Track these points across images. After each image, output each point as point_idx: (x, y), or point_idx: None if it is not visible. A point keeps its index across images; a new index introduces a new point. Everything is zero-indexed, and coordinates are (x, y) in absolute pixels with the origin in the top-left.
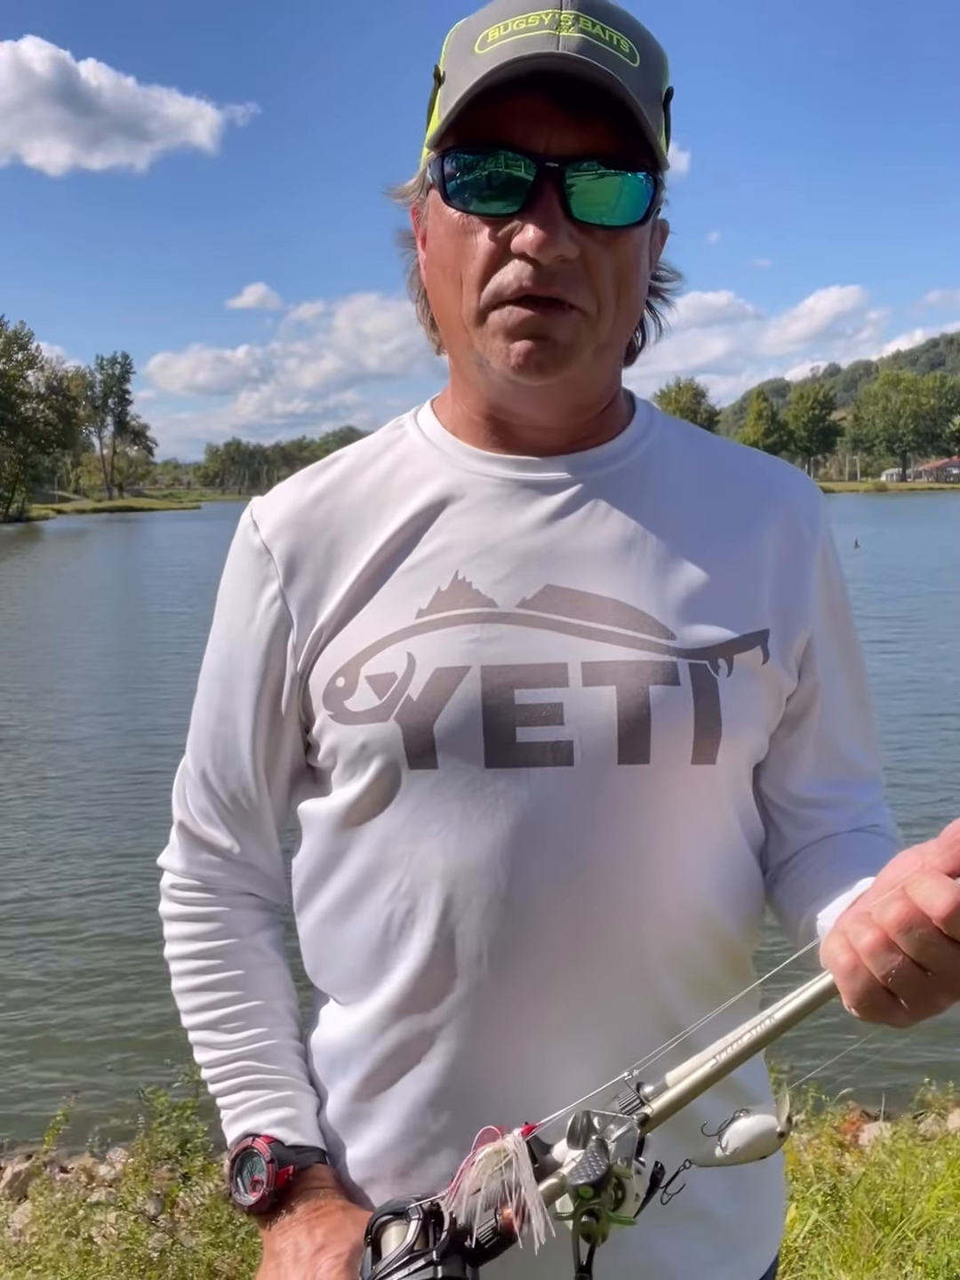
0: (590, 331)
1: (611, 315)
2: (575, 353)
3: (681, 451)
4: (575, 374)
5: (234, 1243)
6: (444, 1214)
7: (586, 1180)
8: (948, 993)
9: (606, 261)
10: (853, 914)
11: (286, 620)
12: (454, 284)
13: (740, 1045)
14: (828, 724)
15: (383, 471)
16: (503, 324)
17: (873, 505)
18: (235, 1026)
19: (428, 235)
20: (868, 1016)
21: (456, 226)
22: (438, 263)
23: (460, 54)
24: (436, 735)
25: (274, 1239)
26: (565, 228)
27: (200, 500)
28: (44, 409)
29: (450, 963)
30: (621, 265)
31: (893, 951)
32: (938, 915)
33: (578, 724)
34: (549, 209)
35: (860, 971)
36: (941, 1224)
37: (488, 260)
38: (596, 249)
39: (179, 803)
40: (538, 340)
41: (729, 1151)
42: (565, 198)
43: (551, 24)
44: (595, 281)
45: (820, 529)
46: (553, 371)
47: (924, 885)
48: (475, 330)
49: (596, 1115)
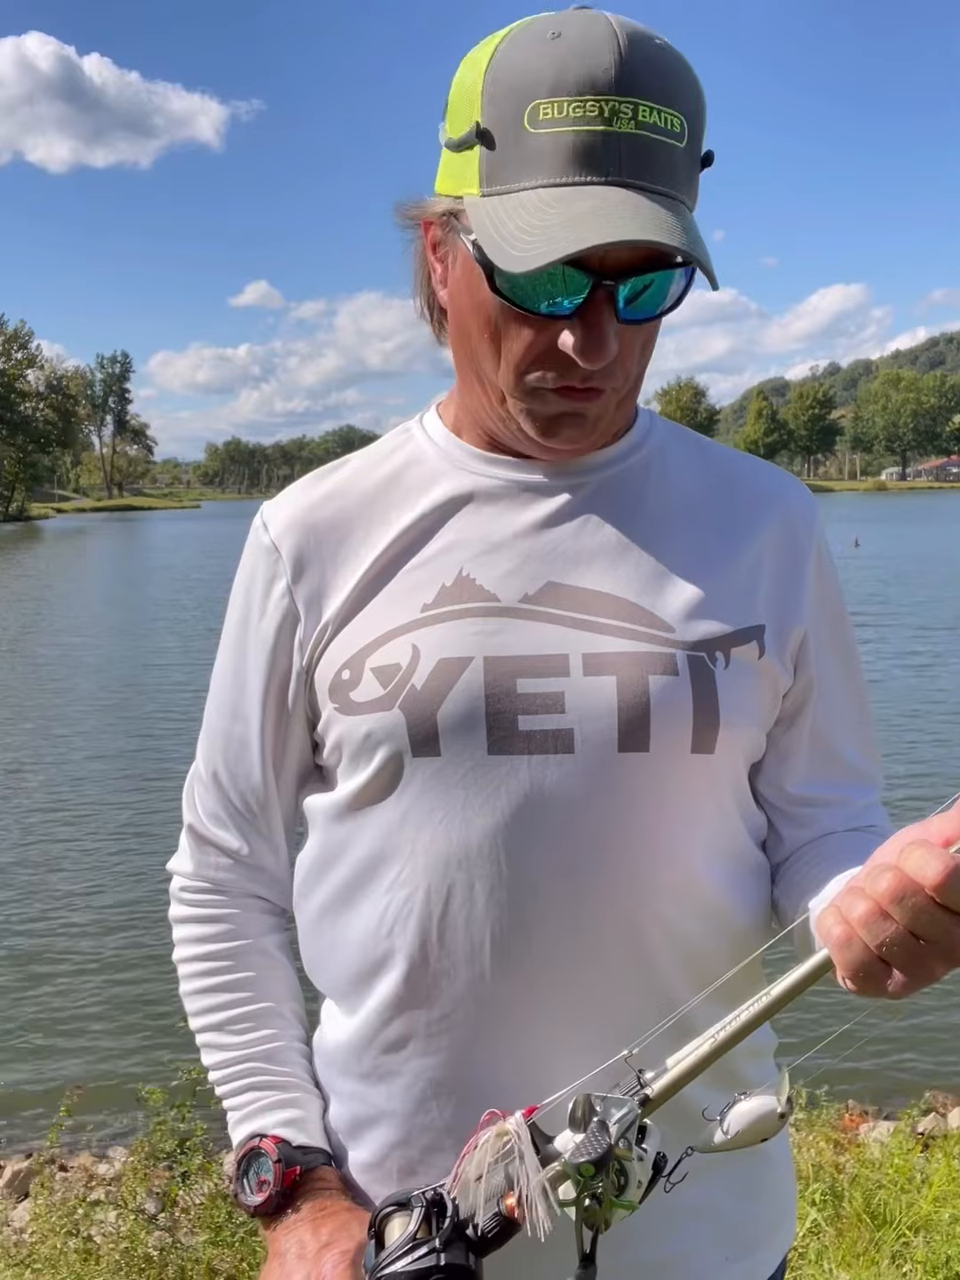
0: (618, 401)
1: (635, 377)
2: (603, 423)
3: (681, 456)
4: (599, 438)
5: (233, 1241)
6: (447, 1203)
7: (587, 1158)
8: (942, 961)
9: (638, 343)
10: (846, 888)
11: (294, 616)
12: (491, 350)
13: (738, 1022)
14: (823, 722)
15: (390, 473)
16: (542, 408)
17: (873, 505)
18: (243, 1028)
19: (457, 282)
20: (863, 988)
21: (501, 307)
22: (474, 320)
23: (508, 117)
24: (440, 723)
25: (279, 1238)
26: (612, 333)
27: (200, 499)
28: (44, 408)
29: (452, 951)
30: (649, 338)
31: (886, 921)
32: (930, 883)
33: (579, 713)
34: (599, 320)
35: (854, 942)
36: (939, 1222)
37: (531, 349)
38: (632, 336)
39: (189, 806)
40: (570, 417)
41: (730, 1135)
42: (616, 307)
43: (610, 116)
44: (627, 364)
45: (815, 532)
46: (581, 441)
47: (915, 854)
48: (510, 399)
49: (597, 1098)
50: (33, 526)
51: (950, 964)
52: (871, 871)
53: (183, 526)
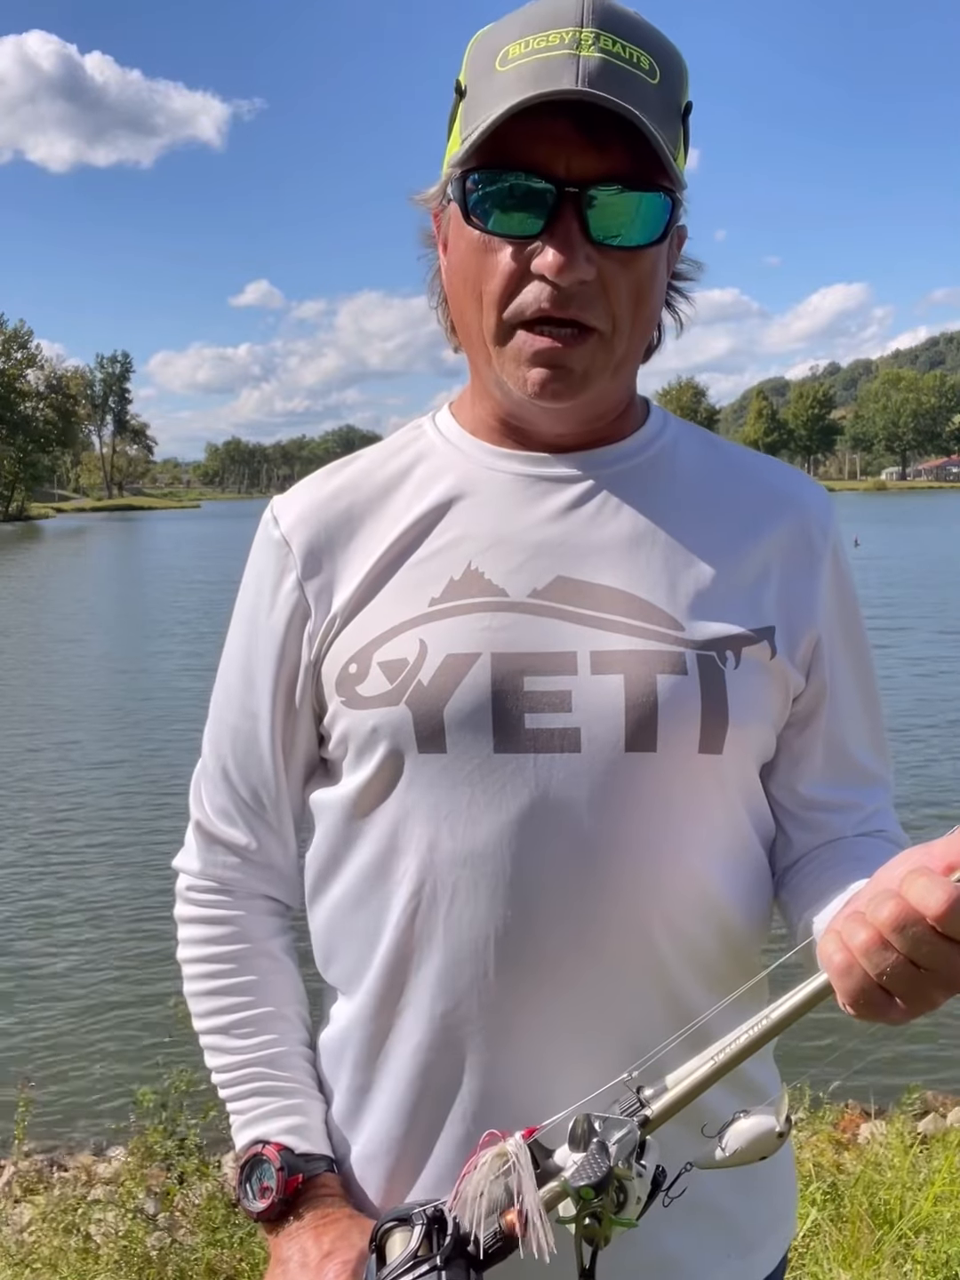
0: (606, 354)
1: (627, 332)
2: (592, 378)
3: (694, 453)
4: (592, 396)
5: (232, 1241)
6: (447, 1219)
7: (588, 1182)
8: (942, 989)
9: (623, 281)
10: (847, 913)
11: (304, 608)
12: (474, 299)
13: (737, 1045)
14: (836, 726)
15: (400, 468)
16: (519, 351)
17: (873, 505)
18: (247, 1032)
19: (450, 247)
20: (863, 1015)
21: (477, 244)
22: (459, 276)
23: (482, 69)
24: (446, 719)
25: (281, 1246)
26: (583, 250)
27: (200, 499)
28: (43, 408)
29: (456, 948)
30: (638, 283)
31: (887, 950)
32: (931, 913)
33: (586, 711)
34: (568, 232)
35: (855, 970)
36: (940, 1222)
37: (507, 279)
38: (613, 269)
39: (196, 803)
40: (554, 369)
41: (729, 1153)
42: (584, 220)
43: (572, 43)
44: (612, 301)
45: (830, 535)
46: (569, 397)
47: (918, 883)
48: (494, 350)
49: (597, 1118)
50: (33, 526)
51: (950, 992)
52: (874, 898)
53: (183, 527)
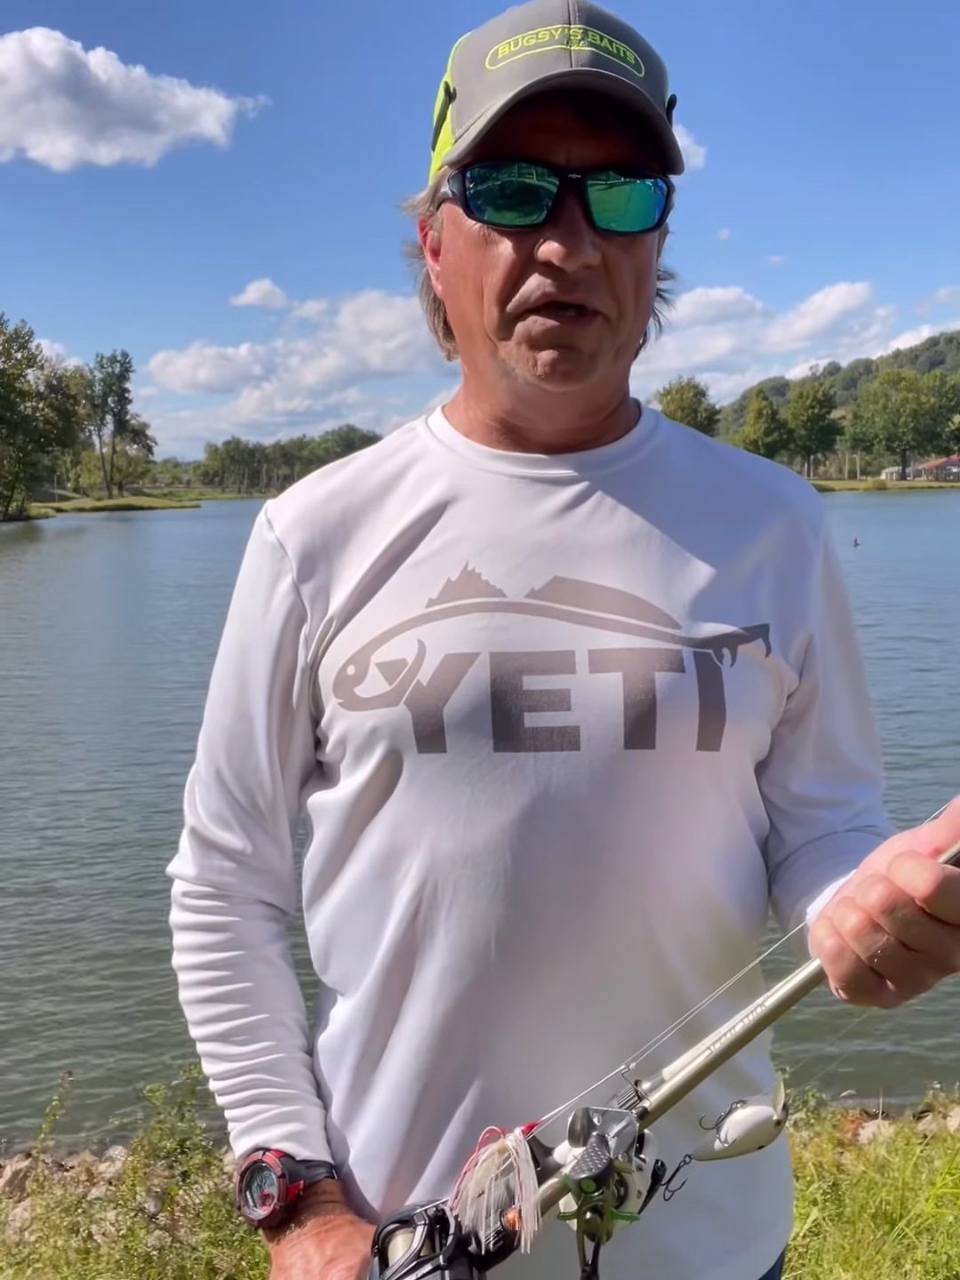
0: (611, 336)
1: (630, 317)
2: (598, 359)
3: (686, 454)
4: (596, 381)
5: (233, 1240)
6: (449, 1219)
7: (589, 1174)
8: (933, 970)
9: (626, 266)
10: (837, 899)
11: (300, 611)
12: (475, 294)
13: (733, 1034)
14: (827, 723)
15: (394, 470)
16: (528, 334)
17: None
18: (245, 1039)
19: (445, 248)
20: (856, 998)
21: (478, 238)
22: (458, 274)
23: (470, 70)
24: (445, 719)
25: (283, 1252)
26: (588, 236)
27: (200, 499)
28: (43, 407)
29: (457, 948)
30: (639, 268)
31: (877, 932)
32: (920, 895)
33: (584, 709)
34: (573, 219)
35: (846, 954)
36: (941, 1223)
37: (510, 270)
38: (616, 254)
39: (190, 808)
40: (563, 350)
41: (728, 1143)
42: (587, 207)
43: (561, 39)
44: (616, 286)
45: (822, 535)
46: (578, 379)
47: (905, 866)
48: (500, 340)
49: (595, 1112)
50: (32, 526)
51: (941, 973)
52: (862, 883)
53: (182, 527)
